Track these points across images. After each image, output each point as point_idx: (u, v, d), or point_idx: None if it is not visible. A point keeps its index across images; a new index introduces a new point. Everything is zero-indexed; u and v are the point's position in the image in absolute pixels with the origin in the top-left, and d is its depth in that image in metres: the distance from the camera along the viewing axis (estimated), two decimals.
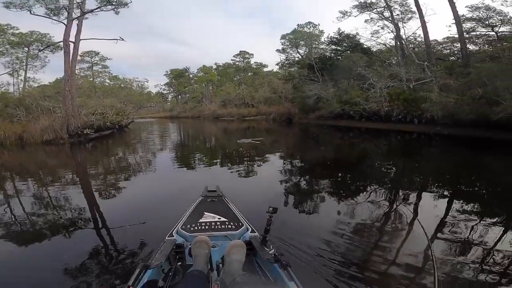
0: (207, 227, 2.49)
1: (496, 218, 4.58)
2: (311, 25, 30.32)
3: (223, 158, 10.56)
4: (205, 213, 2.73)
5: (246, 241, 2.21)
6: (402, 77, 16.45)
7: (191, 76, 56.67)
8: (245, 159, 9.93)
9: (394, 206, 5.32)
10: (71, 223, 4.17)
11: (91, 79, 36.42)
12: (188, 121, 38.10)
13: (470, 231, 4.05)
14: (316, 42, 30.13)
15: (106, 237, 3.60)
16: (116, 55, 78.79)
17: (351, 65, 20.74)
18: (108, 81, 37.55)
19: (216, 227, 2.50)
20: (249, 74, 50.21)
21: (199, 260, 1.85)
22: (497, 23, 16.01)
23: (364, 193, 6.11)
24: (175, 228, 2.46)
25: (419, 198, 5.94)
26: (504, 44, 14.71)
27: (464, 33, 16.92)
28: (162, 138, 18.56)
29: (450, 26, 18.25)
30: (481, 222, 4.42)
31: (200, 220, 2.59)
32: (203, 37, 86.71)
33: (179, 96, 60.53)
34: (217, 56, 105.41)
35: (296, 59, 31.94)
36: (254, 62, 51.30)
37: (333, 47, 24.91)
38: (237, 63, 52.47)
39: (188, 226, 2.47)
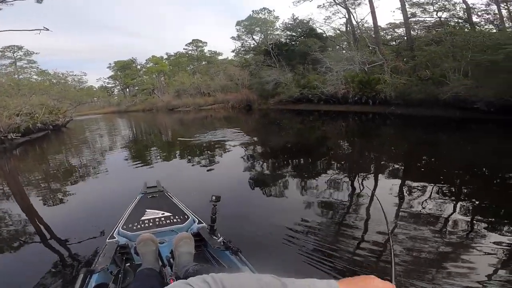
0: (151, 224, 2.45)
1: (445, 189, 4.92)
2: (266, 11, 30.20)
3: (175, 151, 10.05)
4: (147, 210, 2.67)
5: (194, 233, 2.26)
6: (356, 60, 17.19)
7: (138, 67, 53.30)
8: (204, 150, 9.50)
9: (353, 185, 5.49)
10: (5, 237, 3.92)
11: (16, 76, 31.89)
12: (139, 115, 35.85)
13: (424, 204, 4.27)
14: (272, 28, 30.08)
15: (46, 248, 3.44)
16: (54, 50, 70.37)
17: (306, 50, 21.18)
18: (35, 77, 33.20)
19: (161, 222, 2.47)
20: (203, 63, 48.86)
21: (147, 258, 1.84)
22: (441, 9, 17.45)
23: (324, 174, 6.22)
24: (115, 229, 2.38)
25: (376, 175, 6.21)
26: (446, 28, 16.13)
27: (410, 18, 18.15)
28: (107, 136, 17.07)
29: (394, 11, 19.52)
30: (433, 194, 4.70)
31: (143, 218, 2.53)
32: (151, 26, 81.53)
33: (127, 89, 56.69)
34: (168, 46, 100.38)
35: (252, 45, 31.70)
36: (208, 51, 50.10)
37: (288, 33, 25.17)
38: (190, 52, 50.73)
39: (130, 225, 2.42)
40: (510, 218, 3.86)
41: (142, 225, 2.43)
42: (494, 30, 14.72)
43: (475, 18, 15.92)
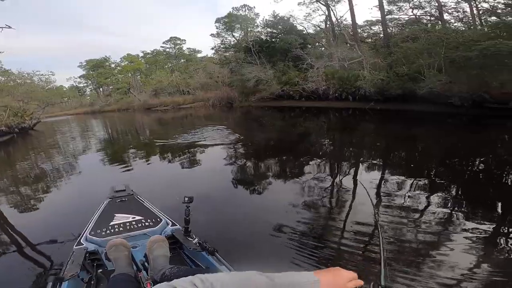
0: (121, 228, 2.43)
1: (423, 181, 5.28)
2: (246, 8, 30.30)
3: (150, 154, 9.80)
4: (116, 214, 2.65)
5: (168, 236, 2.27)
6: (335, 57, 17.65)
7: (112, 66, 51.78)
8: (182, 151, 9.33)
9: (334, 180, 5.67)
10: None
11: None
12: (114, 115, 34.83)
13: (404, 195, 4.51)
14: (252, 25, 30.22)
15: (10, 256, 3.36)
16: (19, 49, 66.68)
17: (287, 47, 21.48)
18: None
19: (132, 227, 2.46)
20: (182, 60, 48.24)
21: (120, 263, 1.82)
22: (416, 6, 18.25)
23: (306, 171, 6.35)
24: (82, 235, 2.35)
25: (358, 169, 6.48)
26: (420, 25, 16.90)
27: (386, 15, 18.85)
28: (79, 139, 16.44)
29: (371, 9, 20.19)
30: (412, 186, 5.00)
31: (112, 223, 2.51)
32: (126, 24, 79.36)
33: (100, 89, 54.91)
34: (144, 44, 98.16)
35: (232, 43, 31.72)
36: (187, 48, 49.50)
37: (269, 30, 25.38)
38: (167, 49, 49.96)
39: (98, 231, 2.39)
40: (482, 205, 4.18)
41: (112, 230, 2.40)
42: (463, 28, 15.56)
43: (446, 16, 16.78)
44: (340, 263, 2.77)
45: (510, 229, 3.48)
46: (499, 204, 4.14)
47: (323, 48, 21.74)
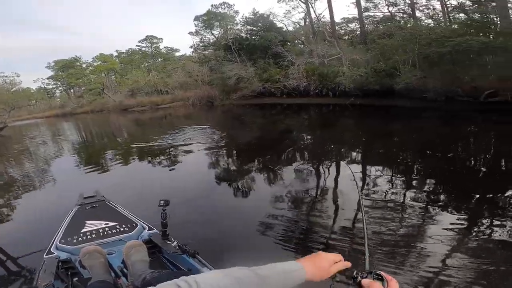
0: (94, 235, 2.41)
1: (402, 173, 5.73)
2: (225, 5, 30.39)
3: (125, 157, 9.58)
4: (87, 221, 2.62)
5: (145, 240, 2.28)
6: (315, 54, 18.14)
7: (84, 66, 50.18)
8: (161, 153, 9.19)
9: (316, 175, 5.93)
10: None
11: None
12: (88, 117, 33.73)
13: (385, 187, 4.87)
14: (232, 23, 30.37)
15: None
16: None
17: (267, 44, 21.80)
18: None
19: (106, 233, 2.45)
20: (159, 59, 47.55)
21: (96, 270, 1.81)
22: (391, 4, 19.11)
23: (289, 167, 6.51)
24: (52, 244, 2.33)
25: (338, 164, 6.79)
26: (395, 22, 17.74)
27: (363, 12, 19.61)
28: (50, 143, 15.84)
29: (348, 6, 20.95)
30: (392, 179, 5.43)
31: (83, 230, 2.49)
32: (100, 24, 76.88)
33: (71, 90, 53.02)
34: (119, 43, 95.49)
35: (211, 41, 31.65)
36: (165, 47, 48.83)
37: (249, 27, 25.60)
38: (143, 49, 49.06)
39: (69, 239, 2.36)
40: (456, 194, 4.62)
41: (84, 238, 2.38)
42: (432, 25, 16.48)
43: (417, 13, 17.71)
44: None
45: (484, 216, 3.85)
46: (472, 191, 4.57)
47: (302, 46, 22.15)
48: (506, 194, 4.41)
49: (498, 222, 3.55)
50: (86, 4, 73.87)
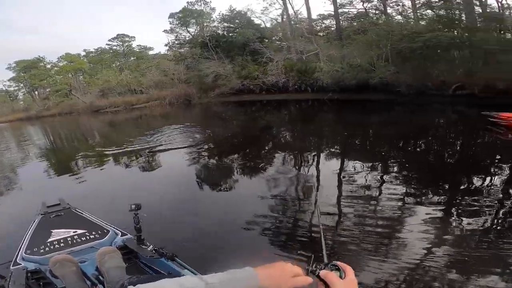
0: (62, 244, 2.38)
1: (377, 163, 6.16)
2: (202, 2, 30.24)
3: (97, 160, 9.18)
4: (53, 230, 2.57)
5: (119, 246, 2.28)
6: (293, 50, 18.62)
7: (48, 66, 48.00)
8: (135, 155, 8.87)
9: (295, 171, 6.20)
10: None
11: None
12: (56, 120, 32.29)
13: (361, 179, 5.22)
14: (208, 20, 30.27)
15: None
16: None
17: (245, 41, 22.03)
18: None
19: (75, 241, 2.42)
20: (132, 58, 46.37)
21: (69, 279, 1.79)
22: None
23: (269, 164, 6.73)
24: (18, 255, 2.28)
25: (317, 159, 7.10)
26: (368, 18, 18.58)
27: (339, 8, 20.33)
28: (13, 150, 14.93)
29: (325, 2, 21.71)
30: (367, 168, 5.88)
31: (50, 239, 2.45)
32: (66, 23, 73.48)
33: (35, 92, 50.49)
34: (87, 42, 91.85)
35: (187, 38, 31.44)
36: (138, 45, 47.66)
37: (226, 24, 25.72)
38: (114, 47, 47.63)
39: (35, 249, 2.31)
40: (426, 184, 5.02)
41: (52, 247, 2.34)
42: (402, 21, 17.43)
43: (389, 9, 18.61)
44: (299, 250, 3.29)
45: (455, 203, 4.25)
46: (442, 179, 5.05)
47: (279, 42, 22.63)
48: (473, 182, 4.95)
49: (468, 209, 3.91)
50: (51, 4, 70.49)
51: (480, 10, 14.31)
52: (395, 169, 5.95)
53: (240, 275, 0.66)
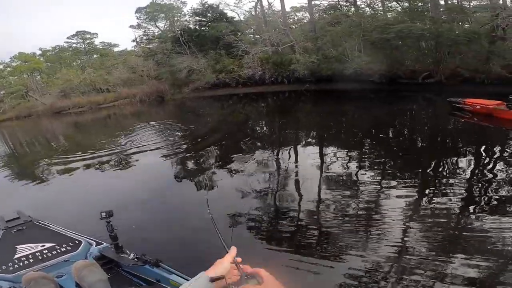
0: (31, 260, 2.24)
1: (353, 149, 6.62)
2: None
3: (62, 166, 8.52)
4: (18, 246, 2.43)
5: (96, 257, 2.22)
6: (268, 42, 18.90)
7: (0, 67, 44.96)
8: (105, 159, 8.47)
9: (278, 162, 6.43)
10: None
11: None
12: (13, 124, 30.24)
13: (339, 166, 5.62)
14: (179, 14, 29.76)
15: None
16: None
17: (218, 35, 22.00)
18: None
19: (45, 255, 2.29)
20: (95, 56, 44.56)
21: None
22: None
23: (248, 156, 6.92)
24: None
25: (295, 149, 7.37)
26: (340, 10, 19.28)
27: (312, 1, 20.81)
28: None
29: None
30: (344, 155, 6.33)
31: (17, 256, 2.31)
32: (18, 22, 68.74)
33: None
34: (44, 42, 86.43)
35: (156, 33, 30.75)
36: (101, 42, 45.88)
37: (198, 18, 25.46)
38: (74, 45, 45.62)
39: (4, 267, 2.19)
40: (399, 167, 5.51)
41: (21, 264, 2.21)
42: (369, 13, 18.33)
43: (358, 1, 19.38)
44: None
45: (424, 182, 4.66)
46: (413, 162, 5.58)
47: (252, 35, 22.89)
48: (443, 163, 5.47)
49: (440, 189, 4.32)
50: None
51: (443, 2, 15.45)
52: (369, 154, 6.48)
53: (193, 279, 0.78)
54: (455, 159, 5.51)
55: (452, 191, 4.17)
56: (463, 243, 3.11)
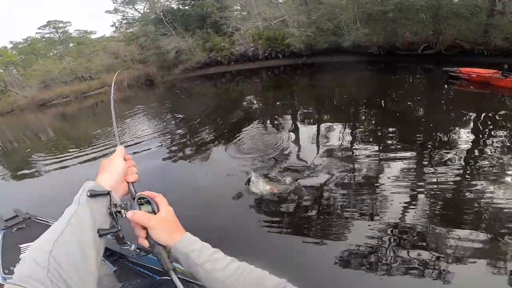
0: None
1: (352, 120, 6.70)
2: None
3: (52, 160, 8.13)
4: (21, 246, 2.35)
5: None
6: (258, 17, 18.44)
7: None
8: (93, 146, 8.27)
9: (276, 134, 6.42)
10: None
11: None
12: None
13: (339, 138, 5.63)
14: None
15: None
16: None
17: (204, 13, 21.31)
18: None
19: None
20: (72, 45, 42.85)
21: None
22: None
23: (242, 133, 6.78)
24: None
25: (291, 124, 7.31)
26: None
27: None
28: None
29: None
30: (344, 127, 6.35)
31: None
32: None
33: None
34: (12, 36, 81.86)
35: (136, 17, 29.59)
36: (76, 30, 44.21)
37: None
38: (47, 35, 43.86)
39: (12, 268, 2.11)
40: (398, 136, 5.52)
41: None
42: None
43: None
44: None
45: (423, 151, 4.71)
46: (412, 128, 5.70)
47: (239, 12, 22.30)
48: (441, 130, 5.54)
49: (438, 158, 4.38)
50: None
51: None
52: (366, 124, 6.59)
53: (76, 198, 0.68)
54: (453, 126, 5.66)
55: (449, 157, 4.27)
56: (461, 212, 3.13)
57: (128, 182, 0.77)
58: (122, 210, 0.66)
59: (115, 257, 2.13)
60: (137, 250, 2.00)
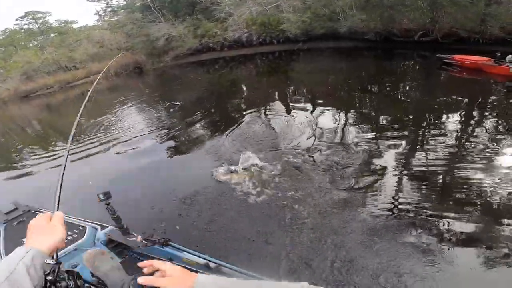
0: None
1: (349, 106, 6.67)
2: None
3: (44, 151, 8.09)
4: (23, 239, 2.15)
5: (105, 241, 2.16)
6: (251, 2, 18.04)
7: None
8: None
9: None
10: None
11: None
12: None
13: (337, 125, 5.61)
14: None
15: None
16: None
17: None
18: None
19: None
20: (53, 35, 41.25)
21: None
22: None
23: (237, 120, 6.77)
24: None
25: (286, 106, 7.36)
26: None
27: None
28: None
29: None
30: (337, 114, 6.37)
31: None
32: None
33: None
34: None
35: (121, 4, 28.68)
36: (57, 20, 42.53)
37: None
38: (26, 26, 42.17)
39: None
40: (394, 120, 5.58)
41: None
42: None
43: None
44: None
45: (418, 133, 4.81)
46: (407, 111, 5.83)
47: None
48: (436, 114, 5.64)
49: (432, 139, 4.49)
50: None
51: None
52: (362, 108, 6.71)
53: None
54: (446, 109, 5.81)
55: (441, 140, 4.41)
56: (453, 195, 3.21)
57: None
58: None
59: (120, 248, 2.11)
60: (143, 241, 1.97)
